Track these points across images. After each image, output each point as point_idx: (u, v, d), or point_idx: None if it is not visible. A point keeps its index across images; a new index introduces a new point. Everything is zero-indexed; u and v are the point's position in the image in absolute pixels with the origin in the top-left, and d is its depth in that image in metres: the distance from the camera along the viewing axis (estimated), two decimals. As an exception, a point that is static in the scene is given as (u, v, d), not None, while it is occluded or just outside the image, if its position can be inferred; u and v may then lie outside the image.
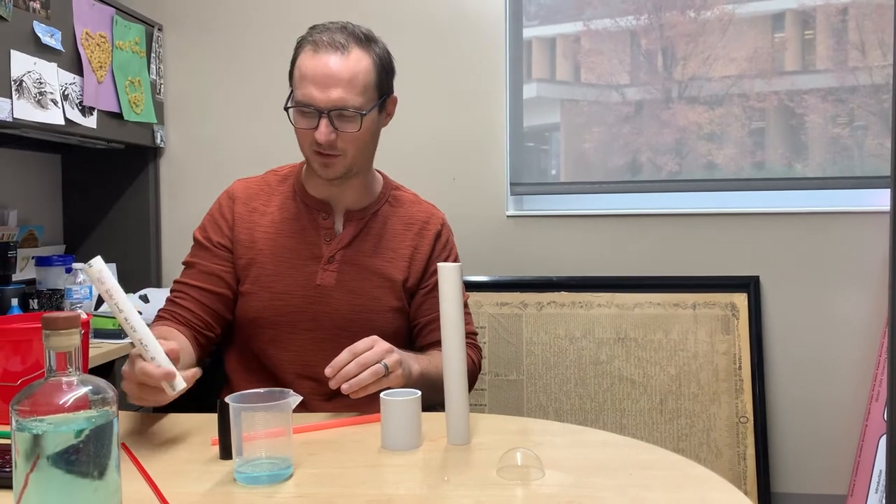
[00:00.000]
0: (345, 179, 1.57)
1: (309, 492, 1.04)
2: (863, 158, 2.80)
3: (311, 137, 1.49)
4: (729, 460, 2.65)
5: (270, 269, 1.57)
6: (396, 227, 1.64)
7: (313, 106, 1.47)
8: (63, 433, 0.84)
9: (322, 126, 1.47)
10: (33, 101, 2.27)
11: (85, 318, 1.55)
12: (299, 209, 1.61)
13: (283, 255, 1.58)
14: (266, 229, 1.60)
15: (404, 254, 1.63)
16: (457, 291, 1.25)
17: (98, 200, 3.04)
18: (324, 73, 1.46)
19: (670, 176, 2.91)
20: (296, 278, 1.56)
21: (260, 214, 1.62)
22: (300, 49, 1.53)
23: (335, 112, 1.47)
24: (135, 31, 2.82)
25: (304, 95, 1.48)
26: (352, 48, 1.49)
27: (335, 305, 1.57)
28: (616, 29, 2.96)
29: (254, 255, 1.58)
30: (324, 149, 1.49)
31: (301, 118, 1.51)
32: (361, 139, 1.52)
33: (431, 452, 1.20)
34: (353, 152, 1.52)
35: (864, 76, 2.81)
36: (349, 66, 1.47)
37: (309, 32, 1.54)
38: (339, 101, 1.46)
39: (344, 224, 1.61)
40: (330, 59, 1.47)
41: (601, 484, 1.06)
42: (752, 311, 2.71)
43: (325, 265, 1.57)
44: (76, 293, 2.42)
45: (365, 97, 1.49)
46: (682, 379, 2.71)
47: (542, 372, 2.77)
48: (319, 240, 1.59)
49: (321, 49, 1.48)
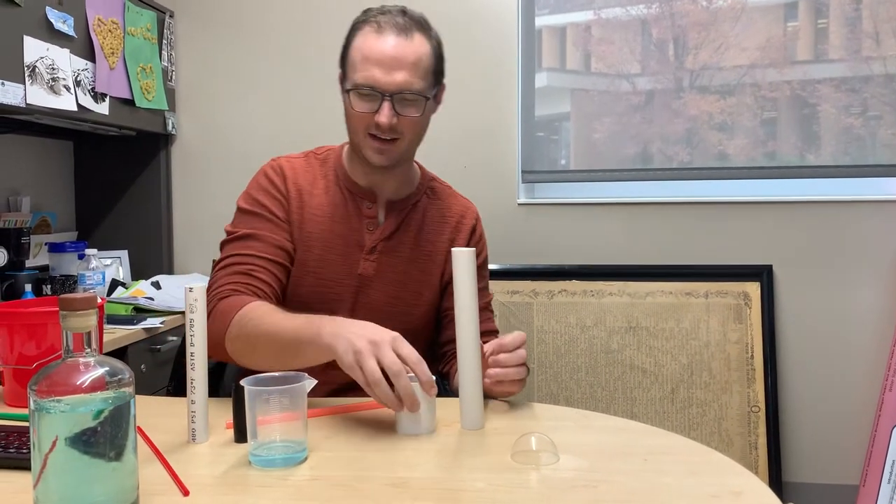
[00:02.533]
0: (391, 167, 1.53)
1: (325, 474, 1.04)
2: (876, 148, 2.79)
3: (369, 121, 1.46)
4: (740, 449, 2.65)
5: (317, 253, 1.54)
6: (434, 220, 1.63)
7: (377, 89, 1.43)
8: (81, 414, 0.85)
9: (385, 109, 1.43)
10: (46, 87, 2.27)
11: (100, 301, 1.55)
12: (343, 195, 1.58)
13: (330, 241, 1.55)
14: (314, 212, 1.56)
15: (442, 247, 1.62)
16: (471, 277, 1.25)
17: (110, 187, 3.05)
18: (390, 55, 1.42)
19: (681, 166, 2.90)
20: (341, 266, 1.54)
21: (308, 195, 1.57)
22: (357, 30, 1.48)
23: (398, 96, 1.44)
24: (146, 17, 2.82)
25: (366, 78, 1.43)
26: (414, 32, 1.45)
27: (374, 296, 1.56)
28: (627, 18, 2.95)
29: (302, 236, 1.55)
30: (383, 133, 1.46)
31: (361, 101, 1.46)
32: (420, 124, 1.50)
33: (446, 437, 1.20)
34: (409, 137, 1.50)
35: (878, 66, 2.79)
36: (414, 49, 1.44)
37: (367, 14, 1.48)
38: (404, 84, 1.43)
39: (386, 214, 1.59)
40: (395, 42, 1.43)
41: (616, 469, 1.06)
42: (764, 300, 2.70)
43: (366, 255, 1.55)
44: (89, 279, 2.43)
45: (426, 81, 1.47)
46: (694, 368, 2.70)
47: (553, 360, 2.77)
48: (362, 228, 1.56)
49: (385, 31, 1.44)
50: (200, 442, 1.17)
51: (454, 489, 1.00)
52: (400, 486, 1.00)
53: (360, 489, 0.99)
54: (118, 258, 2.90)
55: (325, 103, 3.00)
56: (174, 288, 2.69)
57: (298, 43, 3.01)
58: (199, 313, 1.17)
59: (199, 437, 1.17)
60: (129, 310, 2.43)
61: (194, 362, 1.17)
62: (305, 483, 1.01)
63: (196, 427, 1.17)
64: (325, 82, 3.00)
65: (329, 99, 3.00)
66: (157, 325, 2.34)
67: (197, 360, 1.17)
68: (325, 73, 3.00)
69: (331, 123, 2.98)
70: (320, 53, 3.00)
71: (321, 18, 2.99)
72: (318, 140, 2.88)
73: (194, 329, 1.16)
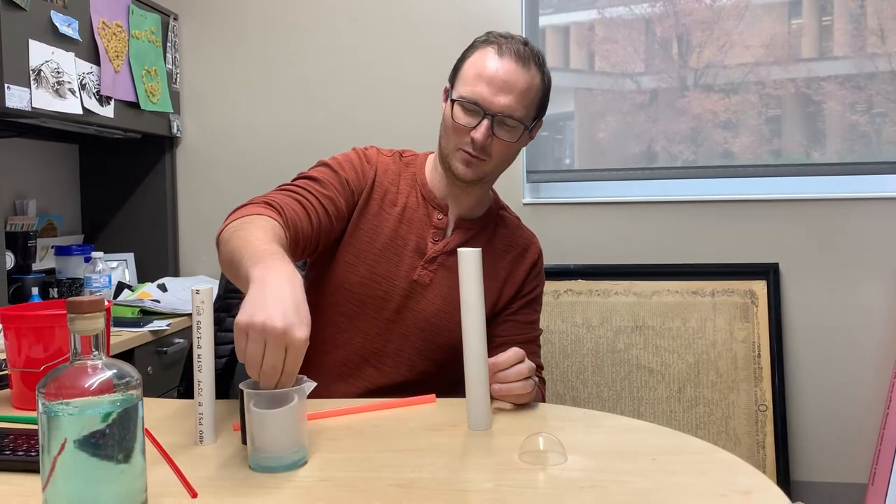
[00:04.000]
0: (471, 186, 1.56)
1: (332, 475, 1.04)
2: (881, 146, 2.78)
3: (465, 135, 1.49)
4: (748, 448, 2.64)
5: (378, 248, 1.55)
6: (498, 247, 1.64)
7: (481, 105, 1.46)
8: (89, 416, 0.85)
9: (483, 127, 1.46)
10: (51, 91, 2.27)
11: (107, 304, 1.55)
12: (418, 200, 1.60)
13: (394, 240, 1.56)
14: (388, 208, 1.58)
15: (500, 275, 1.62)
16: (477, 277, 1.25)
17: (116, 190, 3.06)
18: (503, 77, 1.46)
19: (686, 164, 2.90)
20: (398, 266, 1.55)
21: (388, 190, 1.59)
22: (477, 48, 1.52)
23: (499, 118, 1.47)
24: (151, 20, 2.82)
25: (474, 93, 1.47)
26: (531, 63, 1.49)
27: (424, 305, 1.56)
28: (630, 16, 2.95)
29: (371, 226, 1.56)
30: (474, 150, 1.49)
31: (463, 114, 1.49)
32: (510, 150, 1.53)
33: (453, 438, 1.20)
34: (497, 160, 1.53)
35: (882, 62, 2.78)
36: (527, 78, 1.48)
37: (489, 35, 1.52)
38: (507, 108, 1.46)
39: (454, 229, 1.60)
40: (511, 67, 1.47)
41: (624, 468, 1.06)
42: (771, 298, 2.70)
43: (426, 263, 1.56)
44: (95, 282, 2.44)
45: (528, 112, 1.51)
46: (701, 367, 2.70)
47: (560, 360, 2.77)
48: (428, 237, 1.58)
49: (505, 54, 1.47)
50: (208, 444, 1.17)
51: (462, 490, 0.99)
52: (407, 486, 1.00)
53: (368, 490, 0.99)
54: (124, 261, 2.90)
55: (330, 106, 3.01)
56: (180, 290, 2.69)
57: (302, 46, 3.02)
58: (206, 315, 1.17)
59: (207, 439, 1.17)
60: (136, 312, 2.44)
61: (201, 364, 1.17)
62: (313, 484, 1.01)
63: (203, 429, 1.17)
64: (330, 85, 3.01)
65: (332, 101, 3.02)
66: (164, 328, 2.35)
67: (204, 362, 1.17)
68: (329, 75, 3.01)
69: (335, 126, 3.00)
70: (324, 56, 3.00)
71: (325, 22, 2.99)
72: (322, 142, 2.90)
73: (201, 331, 1.16)
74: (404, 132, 2.79)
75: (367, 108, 2.96)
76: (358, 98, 2.97)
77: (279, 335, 1.02)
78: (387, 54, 2.95)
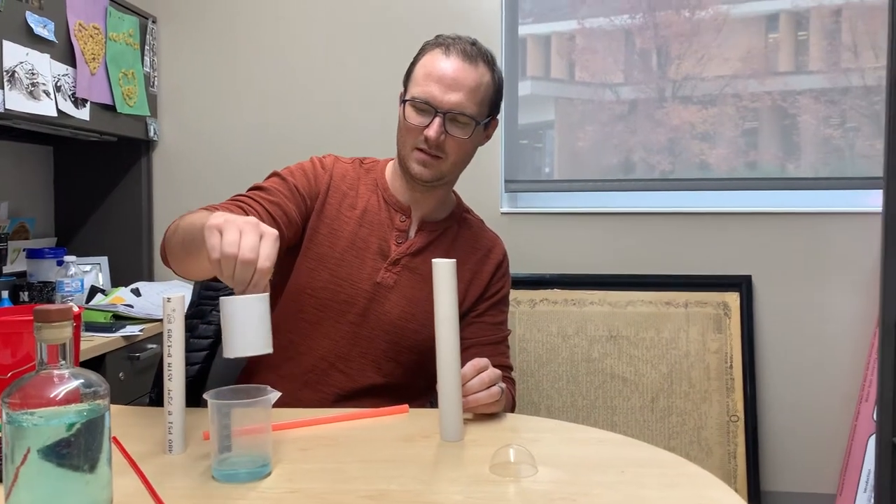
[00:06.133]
0: (431, 187, 1.58)
1: (302, 486, 1.04)
2: (854, 159, 2.81)
3: (418, 134, 1.51)
4: (719, 458, 2.66)
5: (339, 251, 1.56)
6: (463, 248, 1.65)
7: (432, 104, 1.49)
8: (54, 427, 0.84)
9: (435, 124, 1.49)
10: (25, 93, 2.25)
11: (77, 310, 1.54)
12: (380, 204, 1.61)
13: (355, 243, 1.57)
14: (349, 213, 1.59)
15: (465, 277, 1.62)
16: (451, 288, 1.25)
17: (90, 193, 3.03)
18: (451, 76, 1.50)
19: (663, 175, 2.92)
20: (359, 269, 1.56)
21: (346, 195, 1.61)
22: (426, 51, 1.56)
23: (450, 115, 1.50)
24: (128, 22, 2.81)
25: (424, 93, 1.50)
26: (479, 61, 1.53)
27: (388, 307, 1.56)
28: (611, 27, 2.96)
29: (331, 231, 1.57)
30: (429, 148, 1.51)
31: (415, 114, 1.52)
32: (465, 148, 1.55)
33: (425, 449, 1.20)
34: (453, 158, 1.55)
35: (856, 78, 2.81)
36: (475, 76, 1.52)
37: (438, 38, 1.57)
38: (457, 105, 1.50)
39: (417, 231, 1.62)
40: (458, 65, 1.51)
41: (594, 481, 1.06)
42: (743, 310, 2.72)
43: (389, 265, 1.57)
44: (67, 286, 2.41)
45: (480, 108, 1.54)
46: (674, 377, 2.71)
47: (535, 369, 2.78)
48: (391, 239, 1.59)
49: (451, 53, 1.52)
50: (177, 453, 1.16)
51: (432, 501, 0.99)
52: (378, 498, 1.00)
53: (337, 502, 0.98)
54: (97, 265, 2.88)
55: (308, 110, 3.00)
56: (154, 295, 2.67)
57: (281, 50, 3.01)
58: (177, 324, 1.16)
59: (176, 449, 1.16)
60: (108, 317, 2.42)
61: (171, 373, 1.16)
62: (283, 495, 1.01)
63: (173, 438, 1.16)
64: (307, 90, 3.00)
65: (311, 106, 3.02)
66: (137, 333, 2.32)
67: (175, 370, 1.16)
68: (308, 80, 3.00)
69: (313, 130, 2.99)
70: (303, 60, 2.99)
71: (304, 26, 2.99)
72: (300, 147, 2.89)
73: (172, 340, 1.16)
74: (381, 136, 2.79)
75: (344, 113, 2.96)
76: (336, 103, 2.97)
77: (254, 224, 1.10)
78: (366, 61, 2.95)
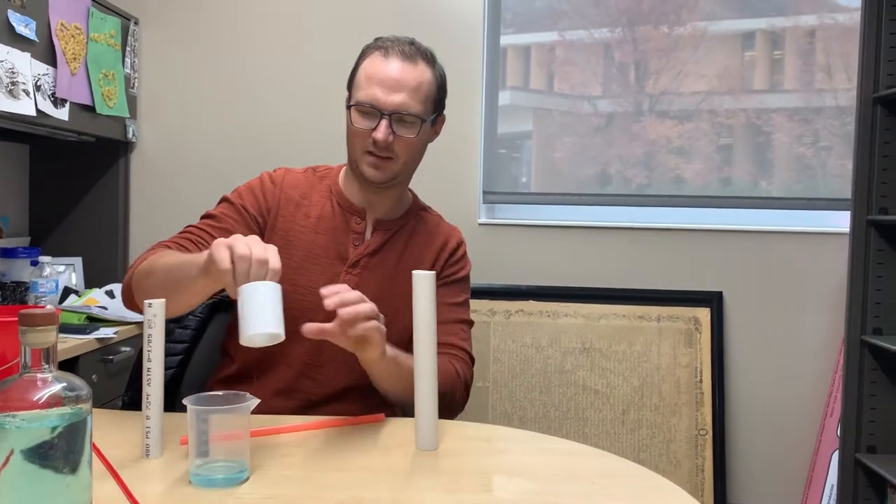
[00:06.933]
0: (385, 188, 1.60)
1: (279, 493, 1.05)
2: (826, 178, 2.86)
3: (367, 138, 1.53)
4: (688, 471, 2.69)
5: (297, 261, 1.57)
6: (420, 242, 1.66)
7: (377, 107, 1.51)
8: (36, 429, 0.84)
9: (382, 126, 1.51)
10: (5, 91, 2.24)
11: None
12: (334, 209, 1.63)
13: (312, 251, 1.58)
14: (302, 221, 1.61)
15: (424, 269, 1.63)
16: (430, 299, 1.27)
17: (66, 193, 3.01)
18: (392, 77, 1.51)
19: (639, 188, 2.95)
20: (320, 276, 1.56)
21: (299, 205, 1.62)
22: (366, 55, 1.58)
23: (396, 116, 1.52)
24: (110, 23, 2.80)
25: (368, 96, 1.52)
26: (419, 60, 1.55)
27: None
28: (590, 40, 3.00)
29: (286, 243, 1.57)
30: (378, 150, 1.53)
31: (361, 118, 1.54)
32: (415, 146, 1.57)
33: (400, 458, 1.21)
34: (404, 158, 1.56)
35: (829, 98, 2.87)
36: (416, 74, 1.53)
37: (377, 41, 1.59)
38: (401, 106, 1.51)
39: (373, 232, 1.63)
40: (398, 66, 1.53)
41: (565, 491, 1.08)
42: (714, 325, 2.76)
43: (349, 268, 1.58)
44: (41, 286, 2.40)
45: (425, 107, 1.55)
46: (645, 390, 2.75)
47: (508, 380, 2.80)
48: (348, 242, 1.60)
49: (391, 55, 1.54)
50: (154, 457, 1.17)
51: (407, 510, 1.01)
52: (353, 506, 1.01)
53: (314, 509, 1.00)
54: (72, 265, 2.86)
55: (287, 114, 3.01)
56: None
57: (261, 54, 3.01)
58: (157, 329, 1.17)
59: (154, 453, 1.17)
60: (82, 319, 2.40)
61: (150, 378, 1.17)
62: (260, 501, 1.02)
63: (150, 443, 1.17)
64: (287, 93, 3.01)
65: (290, 110, 3.02)
66: (111, 336, 2.31)
67: (154, 375, 1.17)
68: (288, 83, 3.00)
69: (291, 134, 3.00)
70: (284, 65, 3.00)
71: (284, 30, 3.00)
72: (278, 151, 2.90)
73: (152, 344, 1.16)
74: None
75: (324, 116, 2.96)
76: (314, 106, 2.97)
77: (257, 239, 1.20)
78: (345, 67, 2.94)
